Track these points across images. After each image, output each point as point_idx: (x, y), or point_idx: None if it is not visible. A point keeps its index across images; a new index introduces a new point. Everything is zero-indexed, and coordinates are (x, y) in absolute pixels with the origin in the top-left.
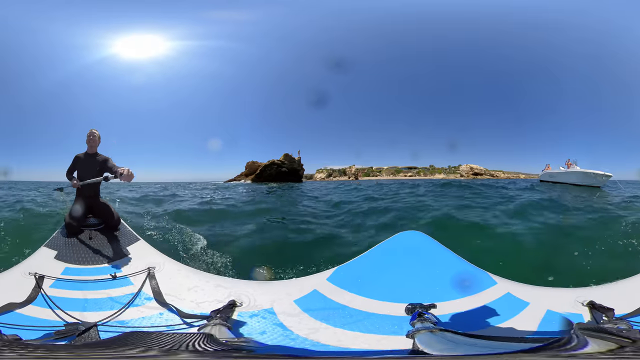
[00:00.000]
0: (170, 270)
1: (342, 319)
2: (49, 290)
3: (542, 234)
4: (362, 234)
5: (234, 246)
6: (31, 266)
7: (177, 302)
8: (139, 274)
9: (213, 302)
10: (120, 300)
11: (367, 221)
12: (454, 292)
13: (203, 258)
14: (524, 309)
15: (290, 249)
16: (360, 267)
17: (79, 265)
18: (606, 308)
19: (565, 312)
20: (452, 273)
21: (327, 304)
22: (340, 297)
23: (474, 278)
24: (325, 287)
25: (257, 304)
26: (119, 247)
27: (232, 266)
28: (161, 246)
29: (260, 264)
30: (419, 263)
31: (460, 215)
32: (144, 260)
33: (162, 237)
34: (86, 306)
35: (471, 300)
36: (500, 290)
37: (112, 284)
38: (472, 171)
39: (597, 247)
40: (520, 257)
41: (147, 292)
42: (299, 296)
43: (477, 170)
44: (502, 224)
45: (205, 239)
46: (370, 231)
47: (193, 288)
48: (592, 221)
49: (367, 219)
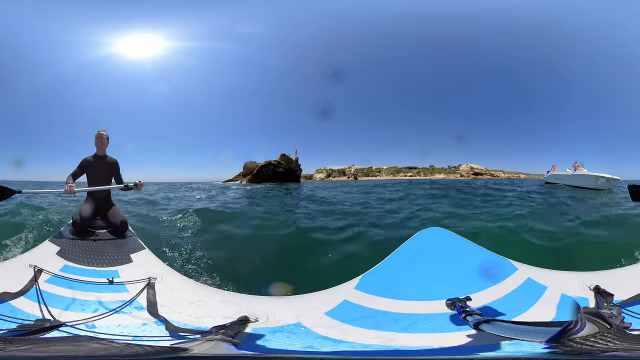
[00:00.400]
0: (173, 283)
1: (391, 323)
2: (43, 284)
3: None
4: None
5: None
6: (33, 258)
7: (172, 315)
8: (138, 283)
9: (218, 318)
10: (109, 305)
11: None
12: (482, 282)
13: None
14: (544, 293)
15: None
16: (386, 270)
17: (78, 264)
18: (607, 293)
19: (576, 296)
20: (476, 264)
21: (364, 313)
22: (375, 303)
23: (497, 266)
24: (355, 296)
25: (278, 319)
26: (122, 253)
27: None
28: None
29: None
30: (443, 258)
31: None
32: (147, 270)
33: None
34: (69, 306)
35: (498, 288)
36: (521, 275)
37: (107, 288)
38: (473, 171)
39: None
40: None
41: (141, 302)
42: (328, 308)
43: (477, 170)
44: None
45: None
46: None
47: (196, 302)
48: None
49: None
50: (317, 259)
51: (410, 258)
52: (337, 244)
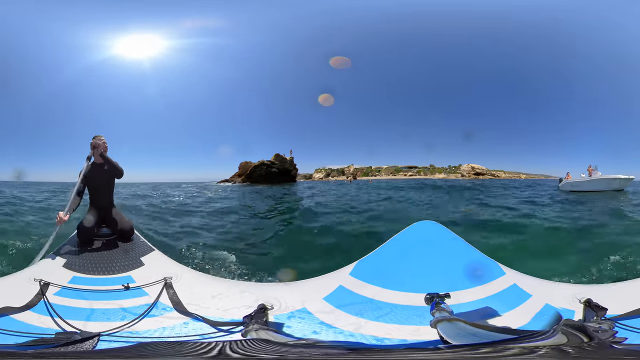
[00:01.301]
0: (190, 280)
1: (374, 312)
2: (52, 297)
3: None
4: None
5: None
6: (37, 272)
7: (202, 311)
8: (155, 285)
9: (242, 308)
10: (134, 311)
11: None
12: (467, 282)
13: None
14: (525, 300)
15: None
16: (379, 259)
17: (88, 274)
18: (600, 307)
19: (561, 307)
20: (463, 262)
21: (355, 299)
22: (365, 291)
23: (484, 268)
24: (349, 282)
25: (289, 305)
26: (132, 257)
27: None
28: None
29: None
30: (433, 252)
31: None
32: (160, 270)
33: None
34: (90, 316)
35: (480, 290)
36: (507, 280)
37: (125, 294)
38: (474, 171)
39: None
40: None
41: (166, 302)
42: (326, 293)
43: (478, 170)
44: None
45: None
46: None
47: (217, 296)
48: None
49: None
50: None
51: (402, 248)
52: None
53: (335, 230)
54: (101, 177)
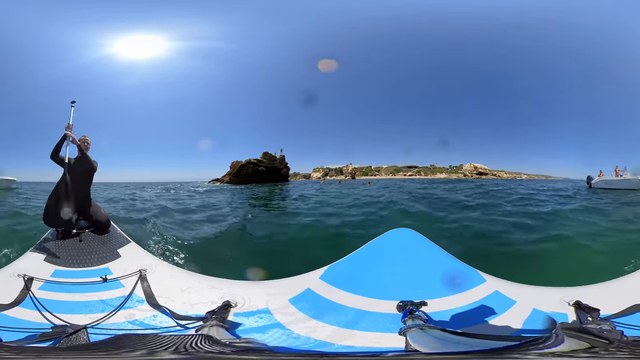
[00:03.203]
0: (163, 272)
1: (338, 317)
2: (38, 292)
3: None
4: None
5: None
6: (20, 268)
7: (170, 304)
8: (131, 277)
9: (207, 304)
10: (112, 302)
11: None
12: (444, 290)
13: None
14: (510, 307)
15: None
16: (352, 264)
17: (68, 267)
18: (592, 308)
19: (551, 312)
20: (442, 270)
21: (321, 303)
22: (334, 296)
23: (463, 275)
24: (318, 286)
25: (252, 304)
26: (109, 249)
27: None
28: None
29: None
30: (409, 260)
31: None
32: (135, 262)
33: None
34: (75, 308)
35: (460, 297)
36: (488, 288)
37: (103, 286)
38: (476, 170)
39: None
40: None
41: (139, 295)
42: (292, 295)
43: (481, 169)
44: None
45: None
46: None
47: (186, 290)
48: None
49: None
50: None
51: (377, 255)
52: None
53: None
54: (80, 171)
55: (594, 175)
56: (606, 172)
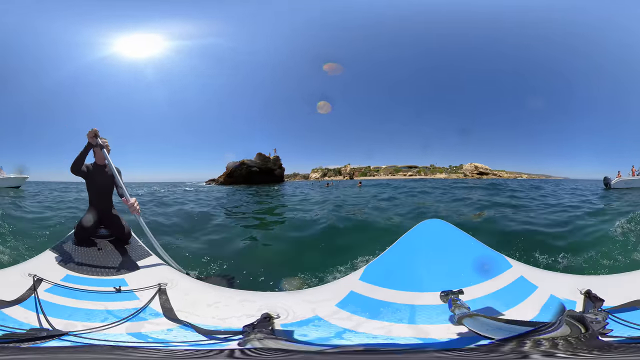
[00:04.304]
0: (186, 287)
1: (395, 314)
2: (43, 294)
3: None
4: None
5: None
6: (32, 268)
7: (194, 319)
8: (148, 289)
9: (242, 317)
10: (119, 314)
11: None
12: (476, 277)
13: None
14: (532, 292)
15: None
16: (388, 261)
17: (81, 274)
18: (598, 298)
19: (565, 299)
20: (472, 258)
21: (371, 303)
22: (379, 294)
23: (492, 261)
24: (360, 287)
25: (298, 314)
26: (128, 260)
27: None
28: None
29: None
30: (441, 250)
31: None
32: (155, 275)
33: None
34: (73, 315)
35: (490, 284)
36: (514, 273)
37: (115, 297)
38: (477, 170)
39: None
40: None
41: (156, 308)
42: (338, 300)
43: (482, 169)
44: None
45: None
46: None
47: (214, 304)
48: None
49: None
50: None
51: (411, 249)
52: None
53: None
54: (103, 178)
55: (611, 176)
56: (623, 173)
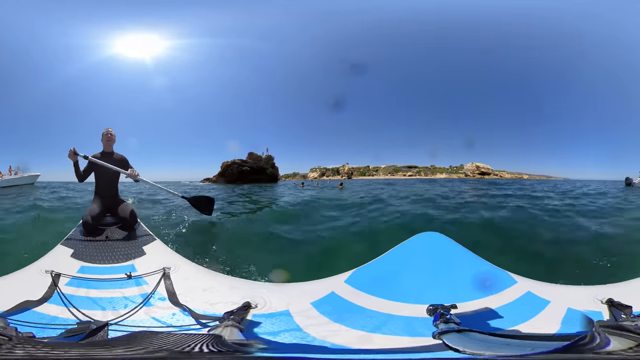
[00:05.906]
0: (187, 271)
1: (362, 320)
2: (64, 288)
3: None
4: None
5: None
6: (47, 264)
7: (191, 303)
8: (154, 274)
9: (227, 304)
10: (134, 299)
11: None
12: (474, 293)
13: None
14: (545, 307)
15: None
16: (379, 268)
17: (95, 264)
18: (624, 305)
19: (585, 310)
20: (472, 273)
21: (345, 307)
22: (359, 300)
23: (494, 278)
24: (343, 290)
25: (273, 306)
26: (135, 246)
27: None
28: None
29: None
30: (438, 264)
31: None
32: (160, 260)
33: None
34: (100, 304)
35: (491, 299)
36: (521, 289)
37: (127, 283)
38: (479, 170)
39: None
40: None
41: (162, 293)
42: (315, 299)
43: (483, 169)
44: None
45: None
46: None
47: (208, 289)
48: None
49: None
50: None
51: (405, 259)
52: None
53: None
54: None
55: (633, 176)
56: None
